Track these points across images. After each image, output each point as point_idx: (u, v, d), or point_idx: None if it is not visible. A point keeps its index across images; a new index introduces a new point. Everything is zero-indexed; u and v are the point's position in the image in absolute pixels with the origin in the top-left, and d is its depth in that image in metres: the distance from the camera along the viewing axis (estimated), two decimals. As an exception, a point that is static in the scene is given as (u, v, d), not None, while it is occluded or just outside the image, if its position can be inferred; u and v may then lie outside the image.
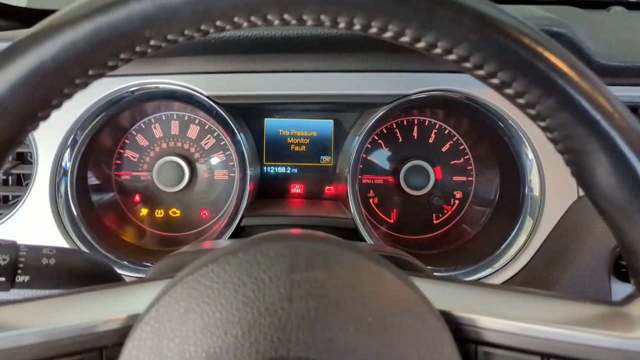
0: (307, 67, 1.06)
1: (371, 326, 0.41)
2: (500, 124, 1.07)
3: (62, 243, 1.04)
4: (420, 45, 0.40)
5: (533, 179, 1.06)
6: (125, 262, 1.07)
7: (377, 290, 0.43)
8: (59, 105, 0.43)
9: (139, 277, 1.05)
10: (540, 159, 1.05)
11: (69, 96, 0.43)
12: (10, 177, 1.16)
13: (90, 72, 0.42)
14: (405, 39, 0.40)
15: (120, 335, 0.45)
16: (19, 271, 0.61)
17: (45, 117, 0.43)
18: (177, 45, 0.42)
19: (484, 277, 1.05)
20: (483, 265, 1.07)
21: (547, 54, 0.40)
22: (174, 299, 0.42)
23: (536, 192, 1.06)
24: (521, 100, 0.42)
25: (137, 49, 0.41)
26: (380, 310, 0.42)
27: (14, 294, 0.62)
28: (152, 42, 0.41)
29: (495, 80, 0.42)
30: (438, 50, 0.40)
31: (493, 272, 1.06)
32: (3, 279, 0.60)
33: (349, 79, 1.09)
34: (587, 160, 0.42)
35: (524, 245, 1.05)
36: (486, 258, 1.07)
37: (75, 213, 1.09)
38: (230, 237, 1.10)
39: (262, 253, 0.43)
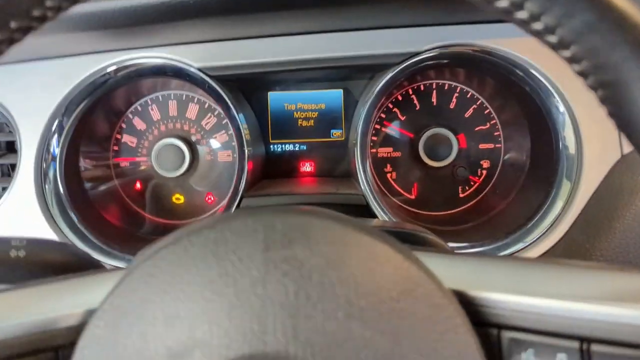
0: (305, 28, 0.99)
1: (364, 312, 0.35)
2: (525, 77, 0.99)
3: (50, 234, 1.01)
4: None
5: (567, 135, 0.98)
6: (124, 254, 1.03)
7: (371, 268, 0.37)
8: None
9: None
10: (574, 111, 0.97)
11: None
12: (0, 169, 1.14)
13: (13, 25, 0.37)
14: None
15: (77, 333, 0.40)
16: (-17, 266, 0.57)
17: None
18: None
19: (516, 253, 0.98)
20: (515, 238, 0.99)
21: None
22: (129, 288, 0.37)
23: (572, 149, 0.97)
24: (537, 25, 0.35)
25: None
26: (374, 292, 0.36)
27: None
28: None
29: (503, 3, 0.35)
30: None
31: (526, 246, 0.98)
32: (-36, 275, 0.56)
33: (353, 38, 1.02)
34: (625, 94, 0.34)
35: (560, 213, 0.97)
36: (518, 230, 1.00)
37: (64, 200, 1.05)
38: (231, 220, 1.05)
39: (231, 229, 0.38)
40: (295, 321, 0.35)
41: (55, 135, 1.05)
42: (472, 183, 1.26)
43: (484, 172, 1.25)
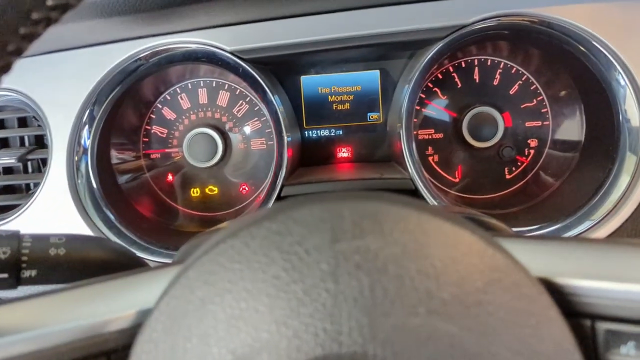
0: (340, 5, 0.96)
1: (448, 306, 0.33)
2: (582, 48, 0.93)
3: (85, 229, 1.00)
4: None
5: (629, 108, 0.93)
6: (159, 249, 1.02)
7: (453, 258, 0.34)
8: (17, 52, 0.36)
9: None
10: (638, 82, 0.91)
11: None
12: (30, 164, 1.13)
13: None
14: None
15: (130, 336, 0.38)
16: (24, 265, 0.55)
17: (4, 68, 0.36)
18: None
19: (582, 233, 0.93)
20: (576, 219, 0.94)
21: None
22: (187, 288, 0.35)
23: (635, 122, 0.92)
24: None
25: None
26: (458, 284, 0.33)
27: (22, 292, 0.56)
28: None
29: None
30: None
31: (593, 225, 0.93)
32: (5, 275, 0.54)
33: (391, 13, 0.97)
34: None
35: (627, 188, 0.92)
36: (579, 211, 0.95)
37: (97, 194, 1.04)
38: (272, 210, 1.02)
39: (294, 220, 0.35)
40: (372, 319, 0.32)
41: (86, 127, 1.04)
42: (519, 164, 1.21)
43: (532, 151, 1.20)
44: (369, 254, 0.34)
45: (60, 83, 1.03)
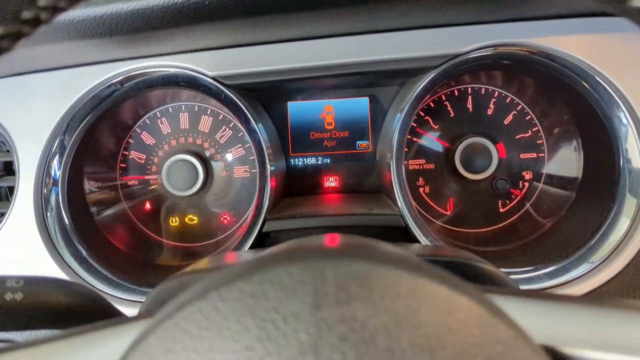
0: (329, 31, 0.93)
1: (445, 385, 0.29)
2: (582, 81, 0.91)
3: (52, 265, 0.95)
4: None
5: (630, 148, 0.91)
6: (132, 285, 0.97)
7: (450, 327, 0.30)
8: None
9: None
10: None
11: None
12: (-3, 192, 1.09)
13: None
14: None
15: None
16: (-25, 312, 0.51)
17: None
18: None
19: (576, 278, 0.90)
20: (573, 261, 0.92)
21: None
22: (147, 356, 0.31)
23: (636, 163, 0.90)
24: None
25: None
26: (456, 358, 0.30)
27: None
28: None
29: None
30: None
31: (589, 270, 0.90)
32: (-46, 323, 0.50)
33: (382, 40, 0.95)
34: None
35: (628, 231, 0.90)
36: (576, 252, 0.92)
37: (69, 229, 1.00)
38: (252, 245, 0.98)
39: (271, 281, 0.32)
40: (358, 400, 0.28)
41: (57, 157, 1.00)
42: (513, 197, 1.19)
43: (527, 184, 1.18)
44: (356, 323, 0.30)
45: (30, 107, 0.99)
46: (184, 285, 0.41)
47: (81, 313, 0.61)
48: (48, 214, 0.98)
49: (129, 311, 0.88)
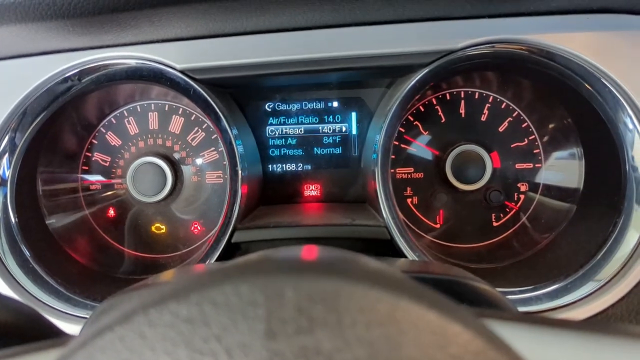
0: (312, 22, 0.87)
1: None
2: (586, 84, 0.86)
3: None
4: None
5: (637, 155, 0.86)
6: (84, 299, 0.90)
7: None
8: None
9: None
10: None
11: None
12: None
13: None
14: None
15: None
16: None
17: None
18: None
19: (580, 299, 0.84)
20: (577, 280, 0.86)
21: None
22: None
23: (643, 172, 0.85)
24: None
25: None
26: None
27: None
28: None
29: None
30: None
31: (596, 289, 0.85)
32: None
33: (371, 34, 0.89)
34: None
35: (637, 246, 0.85)
36: (580, 270, 0.87)
37: (15, 233, 0.93)
38: (220, 257, 0.91)
39: (212, 301, 0.25)
40: None
41: (6, 155, 0.93)
42: (507, 210, 1.14)
43: (522, 196, 1.13)
44: (320, 357, 0.24)
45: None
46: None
47: (11, 333, 0.54)
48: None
49: (78, 329, 0.81)
